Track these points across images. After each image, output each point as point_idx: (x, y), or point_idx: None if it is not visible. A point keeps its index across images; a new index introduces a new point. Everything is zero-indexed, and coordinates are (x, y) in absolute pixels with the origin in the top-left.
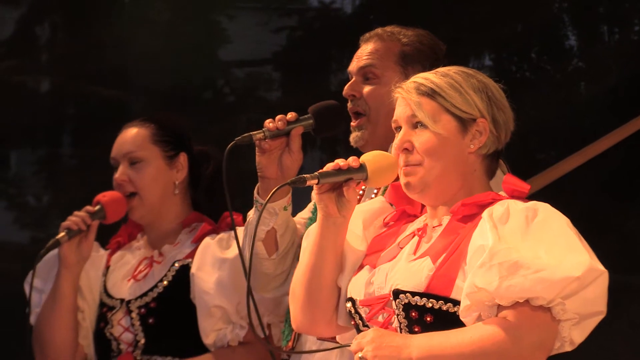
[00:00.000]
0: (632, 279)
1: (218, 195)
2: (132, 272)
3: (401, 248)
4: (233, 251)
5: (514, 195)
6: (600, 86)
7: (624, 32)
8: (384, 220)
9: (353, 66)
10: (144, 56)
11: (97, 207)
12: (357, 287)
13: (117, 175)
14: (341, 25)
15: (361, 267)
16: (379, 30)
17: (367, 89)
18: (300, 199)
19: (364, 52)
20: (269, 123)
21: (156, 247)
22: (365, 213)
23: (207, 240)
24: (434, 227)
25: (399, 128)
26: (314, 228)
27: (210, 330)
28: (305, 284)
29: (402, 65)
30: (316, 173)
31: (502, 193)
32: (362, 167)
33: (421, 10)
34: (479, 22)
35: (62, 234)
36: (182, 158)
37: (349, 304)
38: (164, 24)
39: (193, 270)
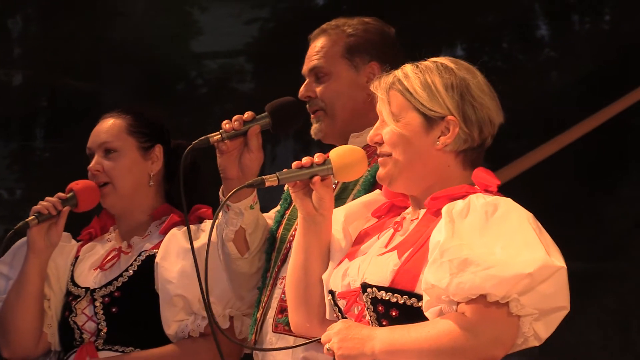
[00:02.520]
0: (605, 266)
1: (192, 189)
2: (100, 262)
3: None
4: (199, 242)
5: (485, 189)
6: (571, 75)
7: (595, 21)
8: (372, 213)
9: (305, 68)
10: (116, 48)
11: (70, 194)
12: (336, 279)
13: (91, 164)
14: (313, 16)
15: (342, 260)
16: (324, 25)
17: (319, 88)
18: (274, 196)
19: (313, 52)
20: (225, 124)
21: (126, 239)
22: (350, 208)
23: (174, 230)
24: (412, 220)
25: None
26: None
27: (172, 320)
28: (294, 284)
29: (348, 58)
30: (275, 173)
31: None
32: (326, 163)
33: (392, 1)
34: (451, 12)
35: (31, 217)
36: (158, 150)
37: (329, 296)
38: (136, 16)
39: (157, 259)
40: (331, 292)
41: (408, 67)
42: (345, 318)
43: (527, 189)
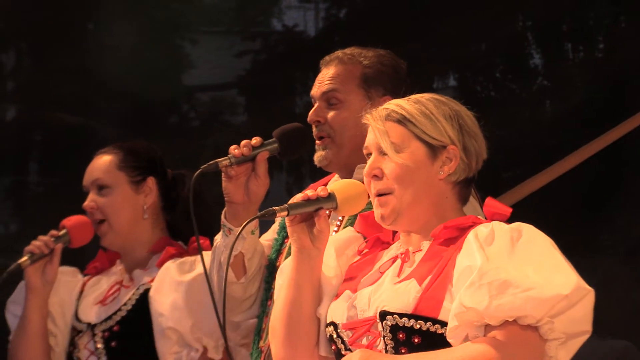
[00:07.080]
0: (599, 294)
1: (197, 218)
2: (103, 296)
3: (382, 273)
4: (191, 274)
5: (495, 218)
6: (565, 104)
7: (588, 49)
8: (358, 248)
9: (315, 91)
10: (108, 82)
11: (62, 232)
12: (338, 311)
13: (86, 202)
14: (305, 47)
15: (339, 293)
16: (339, 53)
17: (331, 114)
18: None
19: (326, 77)
20: (234, 149)
21: (129, 273)
22: (336, 242)
23: (168, 263)
24: (413, 252)
25: (370, 154)
26: (288, 263)
27: (168, 353)
28: (285, 319)
29: (364, 88)
30: (285, 205)
31: (481, 217)
32: (331, 196)
33: (385, 32)
34: (443, 42)
35: (24, 258)
36: (150, 182)
37: (330, 328)
38: (128, 50)
39: (151, 292)
40: (333, 324)
41: (398, 100)
42: (349, 350)
43: (521, 218)
